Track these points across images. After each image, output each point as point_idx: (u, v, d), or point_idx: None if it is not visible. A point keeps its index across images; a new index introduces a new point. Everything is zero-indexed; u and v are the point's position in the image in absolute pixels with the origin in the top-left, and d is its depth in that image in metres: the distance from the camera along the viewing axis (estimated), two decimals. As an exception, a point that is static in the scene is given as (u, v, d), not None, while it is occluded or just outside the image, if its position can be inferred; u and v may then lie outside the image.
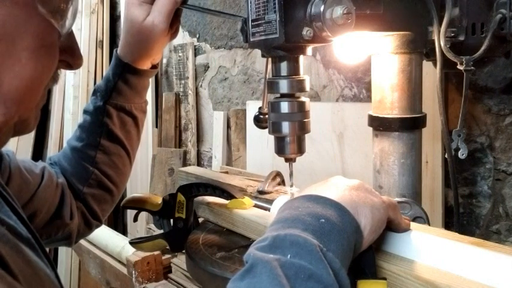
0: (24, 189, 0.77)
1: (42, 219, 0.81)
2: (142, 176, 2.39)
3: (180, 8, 0.84)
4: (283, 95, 0.77)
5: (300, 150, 0.79)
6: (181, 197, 1.00)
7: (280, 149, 0.79)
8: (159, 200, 1.02)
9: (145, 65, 0.89)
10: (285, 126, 0.76)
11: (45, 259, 0.57)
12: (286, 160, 0.80)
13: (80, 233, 0.89)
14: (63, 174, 0.88)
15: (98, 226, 0.93)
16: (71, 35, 0.56)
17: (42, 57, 0.51)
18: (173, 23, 0.84)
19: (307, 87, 0.77)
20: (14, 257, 0.49)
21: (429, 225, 0.82)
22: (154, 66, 0.92)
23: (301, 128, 0.77)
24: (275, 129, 0.78)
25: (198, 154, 2.26)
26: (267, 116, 0.80)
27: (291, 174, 0.83)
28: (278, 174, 1.11)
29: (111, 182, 0.90)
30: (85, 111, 0.90)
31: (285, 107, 0.76)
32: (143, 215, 1.20)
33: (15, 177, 0.76)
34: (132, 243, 1.05)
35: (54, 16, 0.50)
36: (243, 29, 0.76)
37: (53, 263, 0.62)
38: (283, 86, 0.75)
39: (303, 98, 0.77)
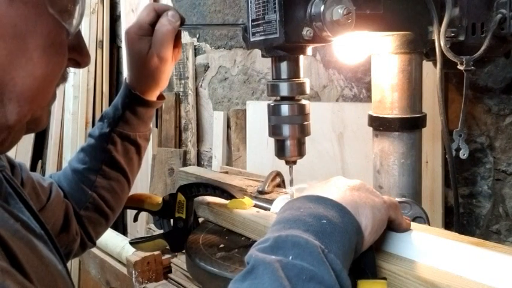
0: (34, 201, 0.77)
1: None
2: (142, 176, 2.38)
3: (179, 30, 0.83)
4: (283, 98, 0.77)
5: (300, 153, 0.79)
6: (181, 197, 1.00)
7: (280, 152, 0.79)
8: (159, 200, 1.02)
9: (154, 95, 0.91)
10: (285, 129, 0.76)
11: (57, 255, 0.58)
12: (287, 163, 0.80)
13: (75, 254, 0.89)
14: None
15: (91, 247, 0.94)
16: (78, 34, 0.57)
17: (53, 56, 0.52)
18: (175, 45, 0.84)
19: (308, 90, 0.77)
20: (28, 252, 0.50)
21: (429, 225, 0.82)
22: (161, 96, 0.93)
23: (302, 131, 0.77)
24: (275, 132, 0.78)
25: (198, 154, 2.26)
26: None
27: (291, 179, 0.83)
28: (278, 174, 1.11)
29: (108, 207, 0.91)
30: (90, 135, 0.91)
31: (285, 109, 0.76)
32: (143, 215, 1.20)
33: (27, 187, 0.77)
34: (132, 243, 1.05)
35: (62, 15, 0.51)
36: (245, 36, 0.76)
37: (64, 259, 0.63)
38: (284, 88, 0.75)
39: (303, 101, 0.77)
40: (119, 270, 1.17)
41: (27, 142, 2.69)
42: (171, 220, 1.02)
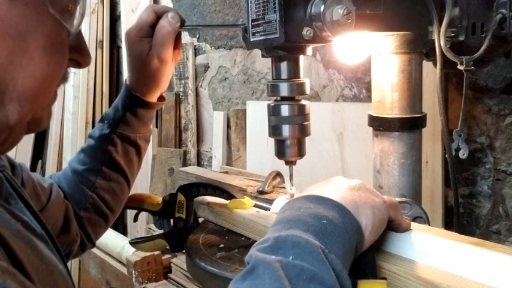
0: (34, 201, 0.77)
1: None
2: (142, 176, 2.38)
3: (179, 31, 0.83)
4: (283, 98, 0.77)
5: (300, 153, 0.79)
6: (181, 197, 1.00)
7: (280, 152, 0.79)
8: (159, 200, 1.02)
9: (155, 97, 0.91)
10: (285, 129, 0.76)
11: (58, 255, 0.58)
12: (287, 163, 0.80)
13: (74, 254, 0.89)
14: None
15: (90, 248, 0.94)
16: (79, 34, 0.57)
17: (54, 56, 0.52)
18: (175, 47, 0.84)
19: (308, 90, 0.77)
20: (29, 252, 0.50)
21: (429, 225, 0.82)
22: (161, 98, 0.93)
23: (302, 131, 0.77)
24: (275, 132, 0.78)
25: (198, 154, 2.26)
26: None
27: (291, 177, 0.83)
28: (278, 174, 1.11)
29: (108, 208, 0.91)
30: (90, 136, 0.91)
31: (285, 110, 0.76)
32: (143, 215, 1.20)
33: (27, 187, 0.77)
34: (132, 243, 1.05)
35: (63, 15, 0.51)
36: (245, 36, 0.76)
37: (65, 259, 0.63)
38: (284, 89, 0.75)
39: (303, 101, 0.77)
40: (119, 270, 1.17)
41: (27, 142, 2.69)
42: (171, 220, 1.02)
